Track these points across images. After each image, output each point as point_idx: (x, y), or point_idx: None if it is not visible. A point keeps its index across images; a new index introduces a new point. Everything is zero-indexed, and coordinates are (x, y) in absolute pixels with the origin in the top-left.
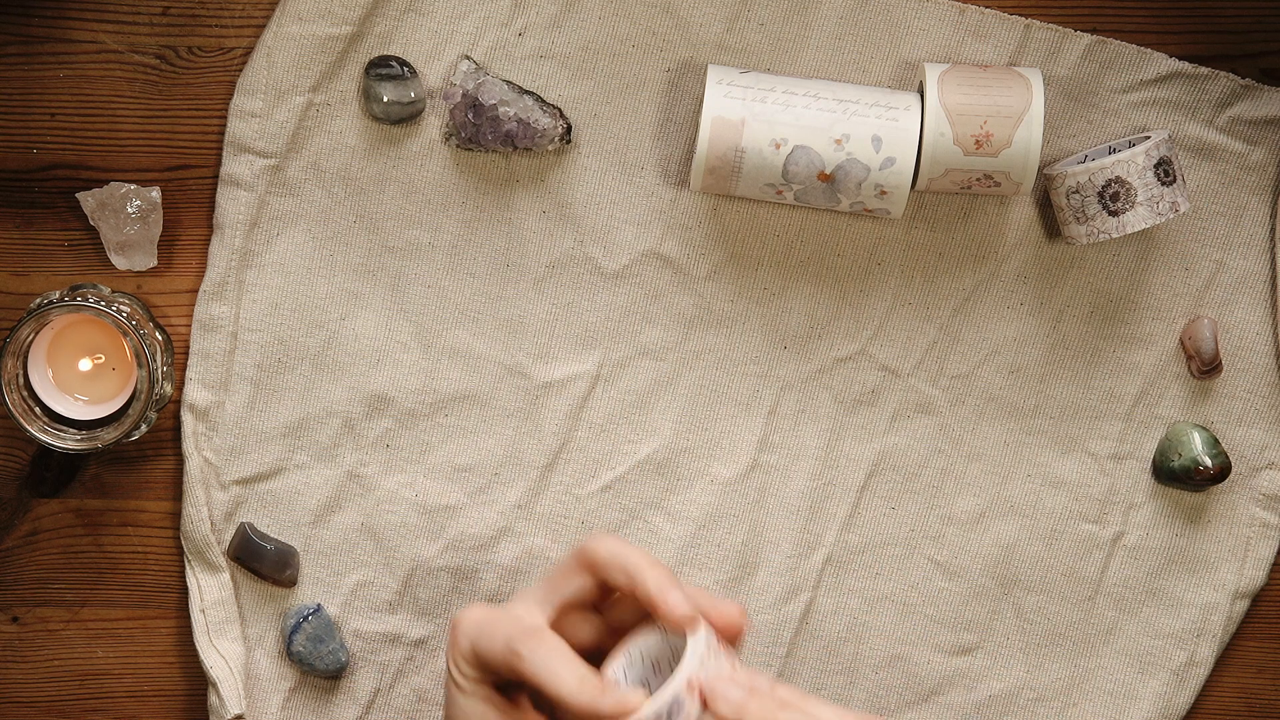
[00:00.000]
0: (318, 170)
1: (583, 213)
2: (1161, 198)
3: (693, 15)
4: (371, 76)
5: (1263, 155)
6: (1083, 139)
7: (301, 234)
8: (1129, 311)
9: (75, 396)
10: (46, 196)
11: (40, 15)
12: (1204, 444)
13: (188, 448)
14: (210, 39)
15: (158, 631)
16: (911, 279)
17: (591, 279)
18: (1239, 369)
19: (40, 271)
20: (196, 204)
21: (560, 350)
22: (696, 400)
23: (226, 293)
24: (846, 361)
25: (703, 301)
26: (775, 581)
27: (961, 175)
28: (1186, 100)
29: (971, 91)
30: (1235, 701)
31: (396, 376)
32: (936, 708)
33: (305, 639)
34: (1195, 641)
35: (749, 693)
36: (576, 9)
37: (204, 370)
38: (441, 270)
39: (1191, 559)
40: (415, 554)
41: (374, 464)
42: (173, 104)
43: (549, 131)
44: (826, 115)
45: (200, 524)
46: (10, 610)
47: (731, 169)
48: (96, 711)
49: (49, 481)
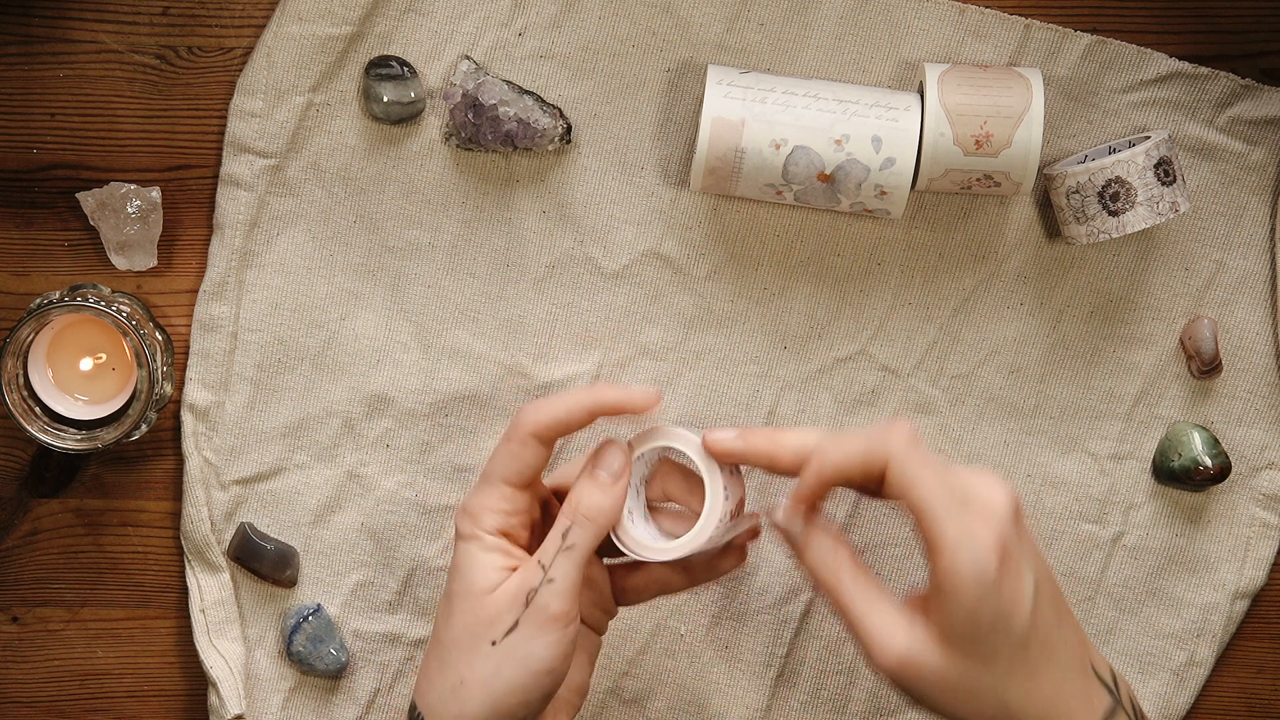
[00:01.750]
0: (318, 170)
1: (583, 213)
2: (1161, 198)
3: (693, 15)
4: (371, 76)
5: (1263, 155)
6: (1083, 139)
7: (301, 234)
8: (1129, 311)
9: (75, 396)
10: (46, 196)
11: (40, 15)
12: (1204, 444)
13: (188, 448)
14: (210, 39)
15: (158, 631)
16: (911, 279)
17: (591, 279)
18: (1239, 369)
19: (40, 271)
20: (196, 204)
21: (560, 350)
22: (696, 400)
23: (226, 293)
24: (846, 361)
25: (703, 301)
26: (775, 581)
27: (961, 175)
28: (1186, 100)
29: (971, 91)
30: (1235, 701)
31: (396, 376)
32: None
33: (305, 639)
34: (1195, 641)
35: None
36: (576, 9)
37: (204, 370)
38: (441, 270)
39: (1191, 559)
40: (415, 554)
41: (374, 464)
42: (173, 104)
43: (549, 131)
44: (826, 115)
45: (200, 524)
46: (10, 610)
47: (731, 169)
48: (96, 711)
49: (49, 481)
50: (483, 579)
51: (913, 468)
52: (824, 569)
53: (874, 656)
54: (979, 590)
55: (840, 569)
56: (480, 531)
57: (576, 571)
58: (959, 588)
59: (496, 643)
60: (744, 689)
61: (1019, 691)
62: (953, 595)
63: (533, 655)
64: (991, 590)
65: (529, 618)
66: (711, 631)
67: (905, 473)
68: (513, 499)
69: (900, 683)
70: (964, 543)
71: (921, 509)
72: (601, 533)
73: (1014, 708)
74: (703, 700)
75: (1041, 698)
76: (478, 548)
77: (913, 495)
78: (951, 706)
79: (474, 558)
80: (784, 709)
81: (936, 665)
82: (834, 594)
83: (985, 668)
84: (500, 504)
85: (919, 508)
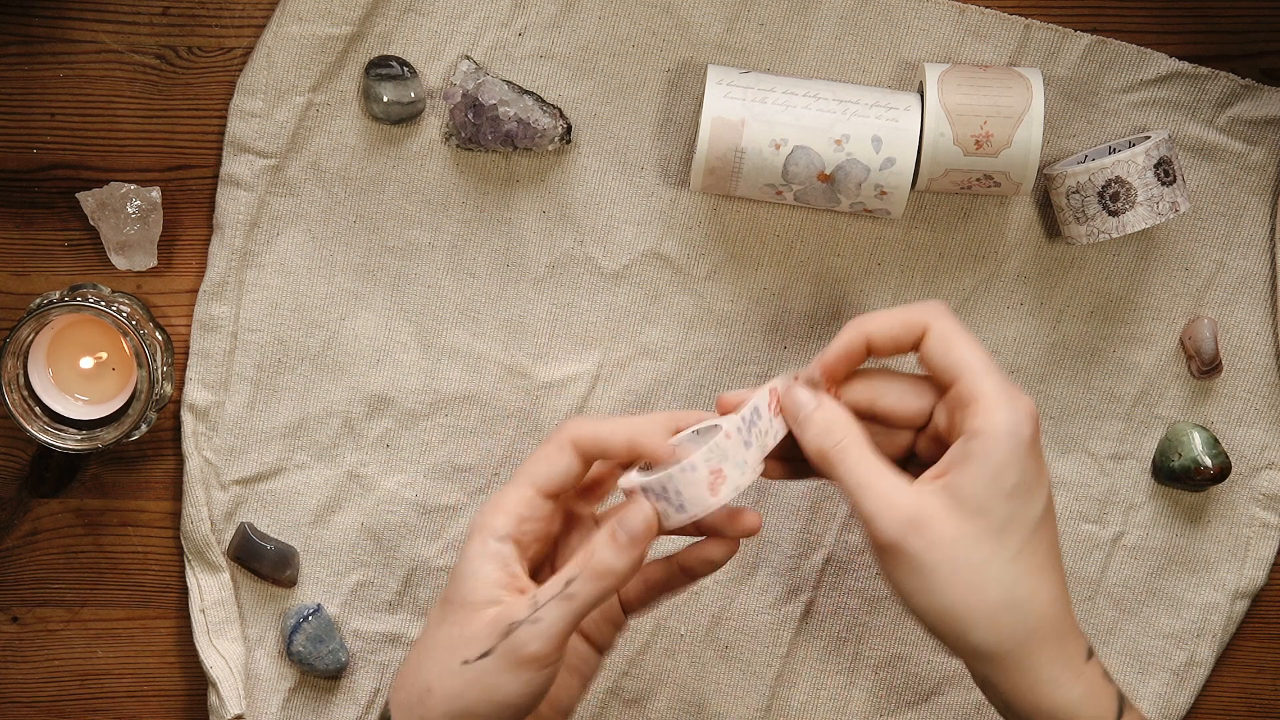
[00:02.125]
0: (318, 170)
1: (583, 213)
2: (1161, 198)
3: (693, 15)
4: (371, 76)
5: (1263, 155)
6: (1083, 139)
7: (301, 234)
8: (1129, 311)
9: (75, 396)
10: (46, 196)
11: (40, 15)
12: (1204, 444)
13: (188, 448)
14: (210, 39)
15: (158, 631)
16: (911, 279)
17: (591, 279)
18: (1239, 369)
19: (40, 271)
20: (196, 204)
21: (560, 350)
22: (696, 400)
23: (226, 293)
24: None
25: (703, 301)
26: (775, 581)
27: (961, 175)
28: (1186, 100)
29: (971, 91)
30: (1235, 701)
31: (396, 376)
32: (936, 708)
33: (305, 639)
34: (1195, 641)
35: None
36: (576, 9)
37: (204, 370)
38: (441, 270)
39: (1191, 559)
40: (415, 554)
41: (374, 464)
42: (173, 104)
43: (549, 131)
44: (826, 115)
45: (200, 524)
46: (10, 610)
47: (731, 169)
48: (96, 711)
49: (49, 481)
50: (472, 592)
51: (955, 331)
52: (831, 435)
53: (880, 519)
54: (1011, 446)
55: (849, 438)
56: (485, 531)
57: (567, 621)
58: (992, 442)
59: (468, 663)
60: (744, 689)
61: (1028, 583)
62: (982, 450)
63: (499, 687)
64: (1022, 452)
65: (503, 651)
66: (711, 631)
67: (947, 334)
68: (533, 504)
69: (903, 548)
70: (1003, 401)
71: (962, 366)
72: (607, 593)
73: (1020, 595)
74: (703, 700)
75: (1048, 598)
76: (478, 549)
77: (954, 354)
78: (950, 583)
79: (470, 564)
80: (784, 709)
81: (948, 526)
82: (837, 462)
83: (997, 539)
84: (518, 506)
85: (959, 365)
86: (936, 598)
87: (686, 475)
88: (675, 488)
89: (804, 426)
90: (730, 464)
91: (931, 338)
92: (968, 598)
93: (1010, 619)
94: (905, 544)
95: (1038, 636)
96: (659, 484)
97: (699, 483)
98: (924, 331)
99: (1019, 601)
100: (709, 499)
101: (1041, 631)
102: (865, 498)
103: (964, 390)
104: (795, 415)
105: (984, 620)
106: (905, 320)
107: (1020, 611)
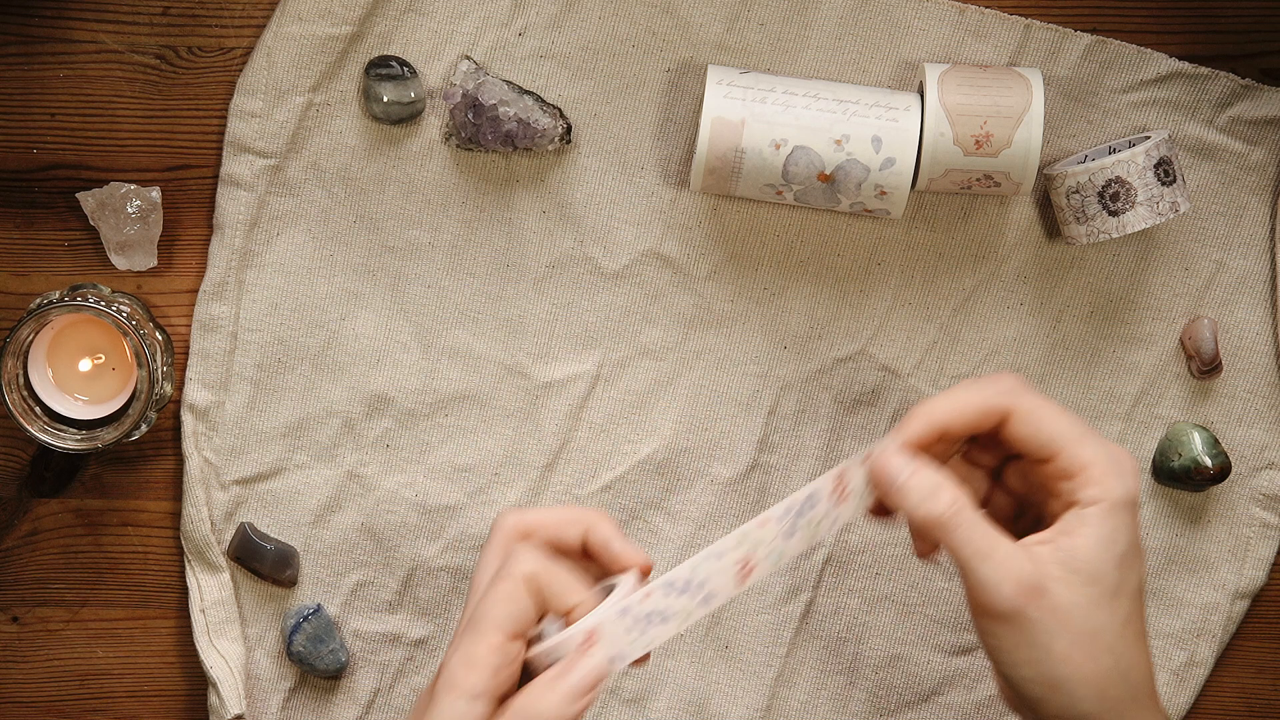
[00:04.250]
0: (318, 170)
1: (583, 213)
2: (1161, 198)
3: (693, 15)
4: (371, 76)
5: (1263, 155)
6: (1083, 139)
7: (301, 234)
8: (1129, 311)
9: (75, 396)
10: (46, 196)
11: (40, 15)
12: (1204, 444)
13: (188, 448)
14: (210, 39)
15: (158, 631)
16: (911, 279)
17: (591, 279)
18: (1239, 369)
19: (40, 271)
20: (196, 204)
21: (560, 350)
22: (696, 400)
23: (226, 293)
24: (846, 361)
25: (703, 301)
26: (775, 581)
27: (961, 175)
28: (1186, 100)
29: (971, 91)
30: (1235, 701)
31: (396, 376)
32: (936, 708)
33: (305, 639)
34: (1195, 641)
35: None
36: (576, 9)
37: (204, 370)
38: (441, 270)
39: (1191, 559)
40: (415, 554)
41: (374, 464)
42: (173, 104)
43: (549, 131)
44: (826, 116)
45: (200, 524)
46: (10, 610)
47: (731, 169)
48: (96, 711)
49: (49, 481)
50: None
51: (1040, 407)
52: (938, 500)
53: (1002, 587)
54: (1125, 510)
55: (959, 502)
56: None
57: None
58: (1108, 509)
59: None
60: (744, 689)
61: (1133, 652)
62: (1097, 518)
63: None
64: (1133, 515)
65: None
66: (711, 631)
67: (1033, 413)
68: (504, 651)
69: (1025, 615)
70: (1111, 466)
71: (1059, 441)
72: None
73: (1126, 664)
74: (703, 700)
75: (1147, 667)
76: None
77: (1046, 431)
78: (1068, 652)
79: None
80: (784, 709)
81: (1067, 593)
82: (953, 529)
83: (1110, 606)
84: (490, 657)
85: (1055, 441)
86: (1052, 667)
87: (711, 564)
88: (698, 579)
89: (904, 494)
90: (762, 551)
91: (1017, 422)
92: (1084, 666)
93: (1118, 689)
94: (1026, 611)
95: (1136, 706)
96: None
97: (725, 570)
98: (1006, 417)
99: (1126, 670)
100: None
101: (1140, 701)
102: (983, 564)
103: (1067, 464)
104: (892, 482)
105: (1095, 690)
106: (983, 408)
107: (1127, 681)
